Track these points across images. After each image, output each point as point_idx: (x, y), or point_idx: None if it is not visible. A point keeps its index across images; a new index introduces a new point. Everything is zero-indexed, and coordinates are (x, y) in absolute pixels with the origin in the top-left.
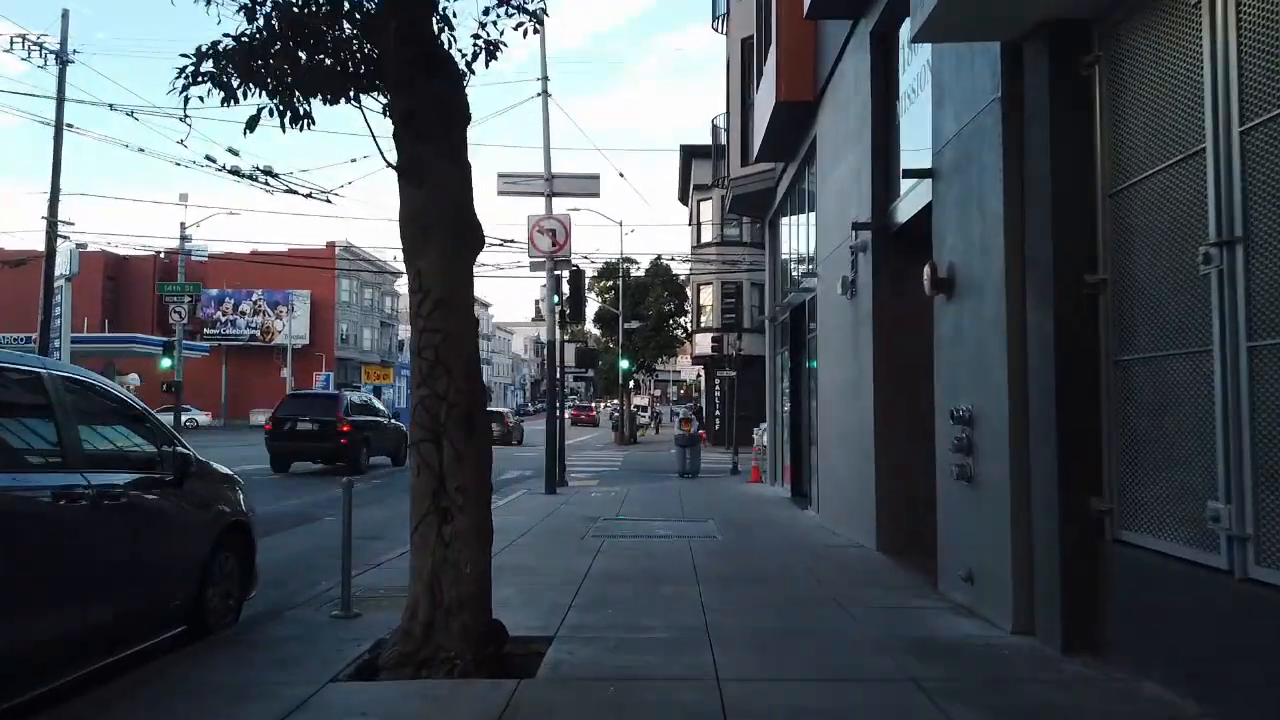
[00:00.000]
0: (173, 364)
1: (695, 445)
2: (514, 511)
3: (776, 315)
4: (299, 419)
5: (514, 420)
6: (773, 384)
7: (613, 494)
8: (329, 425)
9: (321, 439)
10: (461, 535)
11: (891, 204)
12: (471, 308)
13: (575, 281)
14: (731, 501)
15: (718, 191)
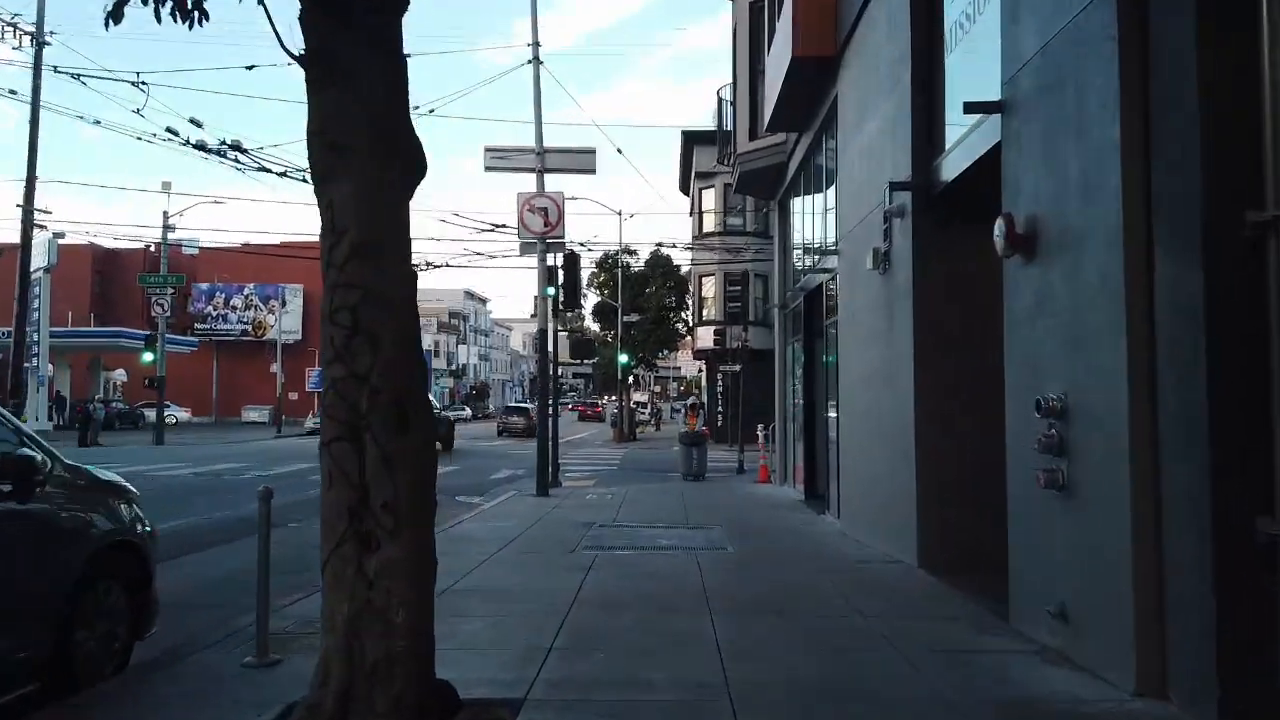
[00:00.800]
0: (155, 358)
1: (702, 445)
2: (498, 516)
3: (787, 302)
4: None
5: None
6: (783, 377)
7: (610, 496)
8: None
9: None
10: (390, 569)
11: (935, 160)
12: (407, 258)
13: (569, 266)
14: (740, 505)
15: (720, 179)
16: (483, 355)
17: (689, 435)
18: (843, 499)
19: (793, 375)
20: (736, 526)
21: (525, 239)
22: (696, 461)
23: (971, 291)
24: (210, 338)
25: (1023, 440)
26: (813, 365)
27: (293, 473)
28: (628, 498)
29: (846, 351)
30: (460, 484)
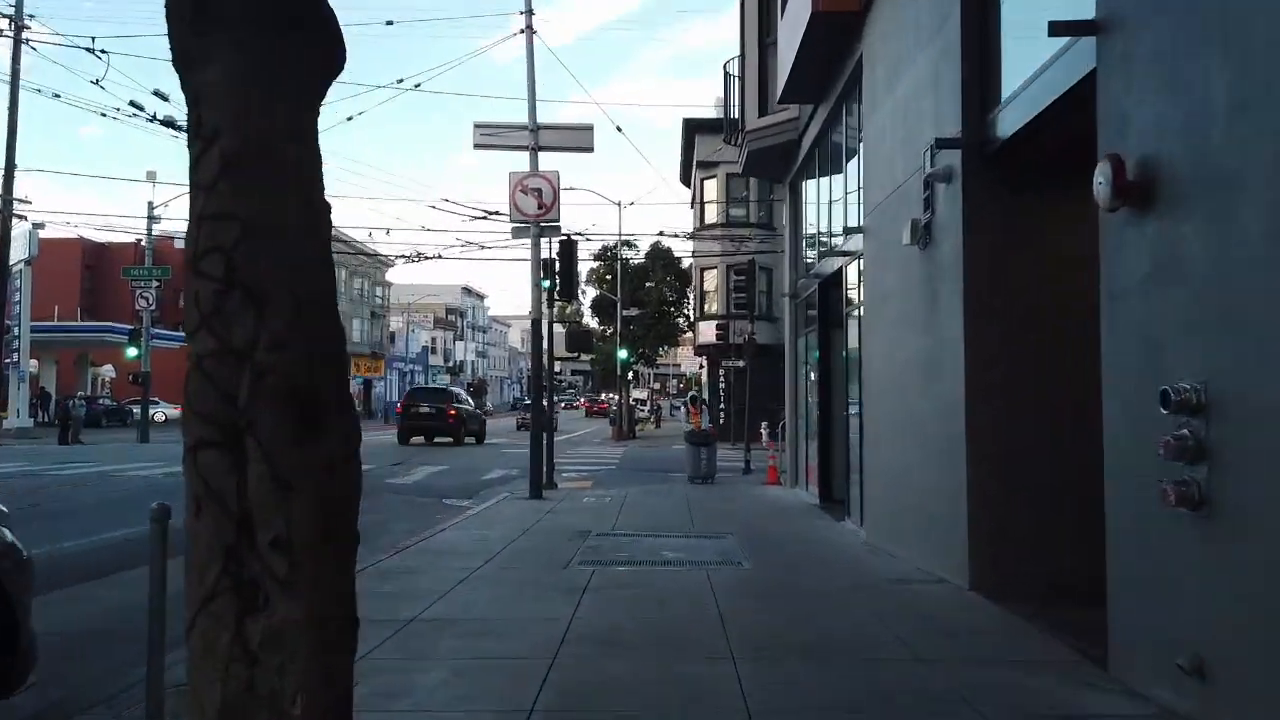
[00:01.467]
0: (139, 354)
1: (711, 445)
2: (485, 523)
3: (798, 291)
4: (421, 405)
5: None
6: (793, 372)
7: (609, 499)
8: (442, 410)
9: (437, 419)
10: (282, 636)
11: (990, 114)
12: (315, 181)
13: (565, 253)
14: (750, 509)
15: (723, 169)
16: (480, 352)
17: (697, 434)
18: (866, 505)
19: (805, 370)
20: (750, 535)
21: (517, 222)
22: (705, 463)
23: (1038, 264)
24: None
25: (1132, 442)
26: (828, 358)
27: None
28: (628, 501)
29: (873, 341)
30: (448, 484)
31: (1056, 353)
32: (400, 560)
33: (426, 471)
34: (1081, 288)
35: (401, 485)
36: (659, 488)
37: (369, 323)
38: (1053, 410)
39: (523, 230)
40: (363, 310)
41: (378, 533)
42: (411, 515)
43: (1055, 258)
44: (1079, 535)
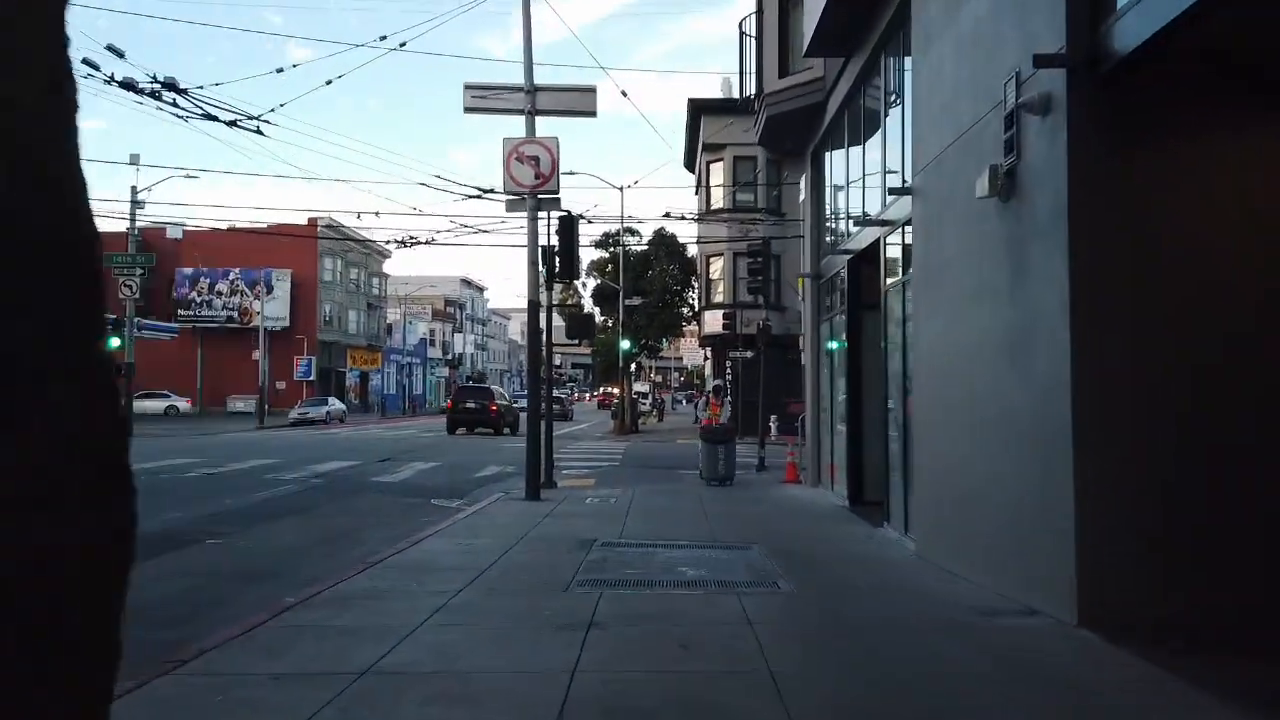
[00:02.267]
0: (122, 344)
1: (730, 443)
2: (473, 530)
3: (822, 272)
4: (467, 401)
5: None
6: (815, 361)
7: (613, 500)
8: (485, 405)
9: (480, 413)
10: None
11: (1105, 24)
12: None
13: (566, 229)
14: (774, 513)
15: (730, 151)
16: (480, 344)
17: (714, 430)
18: (915, 510)
19: (828, 358)
20: (780, 546)
21: (512, 193)
22: (724, 462)
23: (1179, 215)
24: (194, 325)
25: None
26: (859, 343)
27: (246, 471)
28: (635, 502)
29: (924, 319)
30: (438, 483)
31: (1209, 317)
32: (367, 580)
33: (416, 469)
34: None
35: (387, 484)
36: (668, 487)
37: (365, 314)
38: (1208, 385)
39: (518, 203)
40: (359, 301)
41: (349, 542)
42: (393, 519)
43: (1200, 200)
44: (1229, 550)
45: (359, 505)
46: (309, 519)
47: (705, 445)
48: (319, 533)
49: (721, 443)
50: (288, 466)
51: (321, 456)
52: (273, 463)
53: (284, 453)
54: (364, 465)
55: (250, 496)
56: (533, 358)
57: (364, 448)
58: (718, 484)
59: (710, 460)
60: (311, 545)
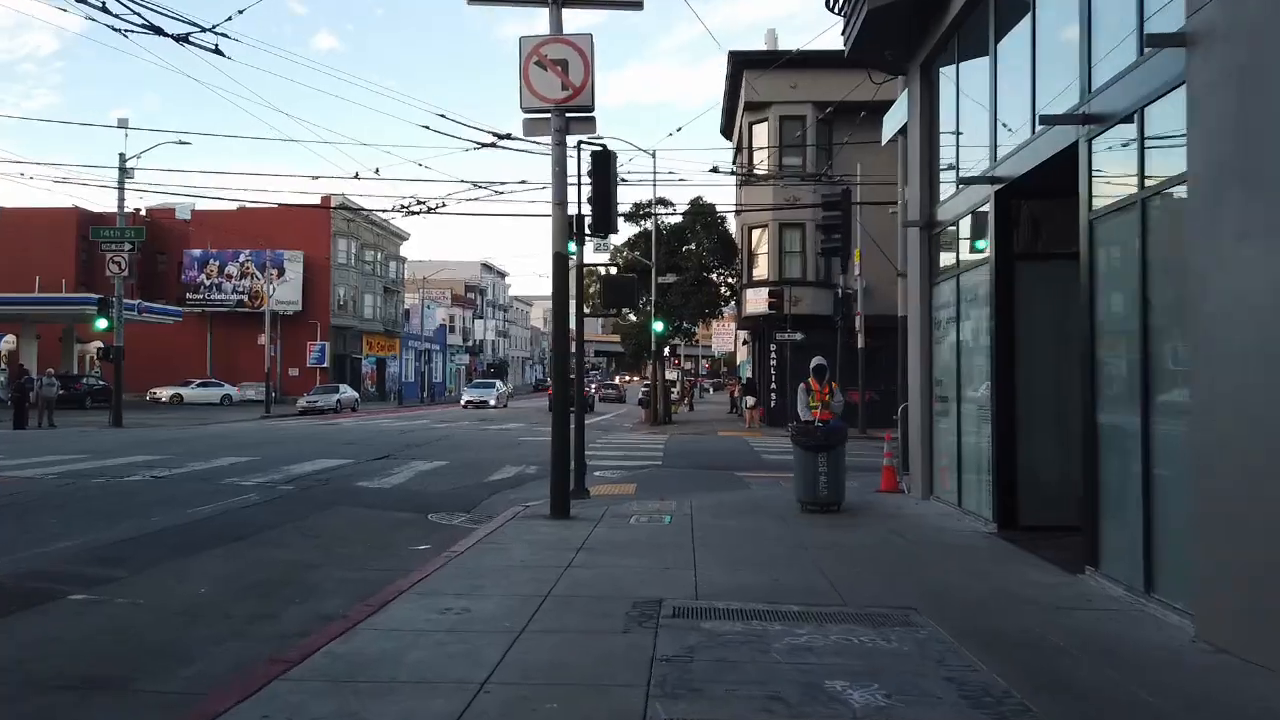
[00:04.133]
0: (110, 325)
1: (838, 450)
2: (475, 582)
3: (934, 219)
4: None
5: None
6: (922, 333)
7: (668, 519)
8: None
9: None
10: None
11: None
12: None
13: (600, 167)
14: (898, 546)
15: (775, 110)
16: (501, 331)
17: (814, 431)
18: (1202, 568)
19: (950, 330)
20: (958, 618)
21: (532, 110)
22: (826, 478)
23: None
24: (204, 309)
25: None
26: (1012, 309)
27: (204, 473)
28: (698, 523)
29: (1224, 261)
30: (441, 489)
31: None
32: (268, 704)
33: (417, 470)
34: None
35: (376, 490)
36: (731, 498)
37: (382, 298)
38: None
39: (540, 123)
40: (375, 285)
41: (284, 598)
42: (363, 553)
43: None
44: None
45: (328, 526)
46: (247, 551)
47: (800, 453)
48: (248, 579)
49: (823, 449)
50: (260, 467)
51: (310, 453)
52: (245, 462)
53: (267, 448)
54: (355, 465)
55: (187, 511)
56: (559, 329)
57: (365, 441)
58: (818, 509)
59: (808, 474)
60: (225, 605)
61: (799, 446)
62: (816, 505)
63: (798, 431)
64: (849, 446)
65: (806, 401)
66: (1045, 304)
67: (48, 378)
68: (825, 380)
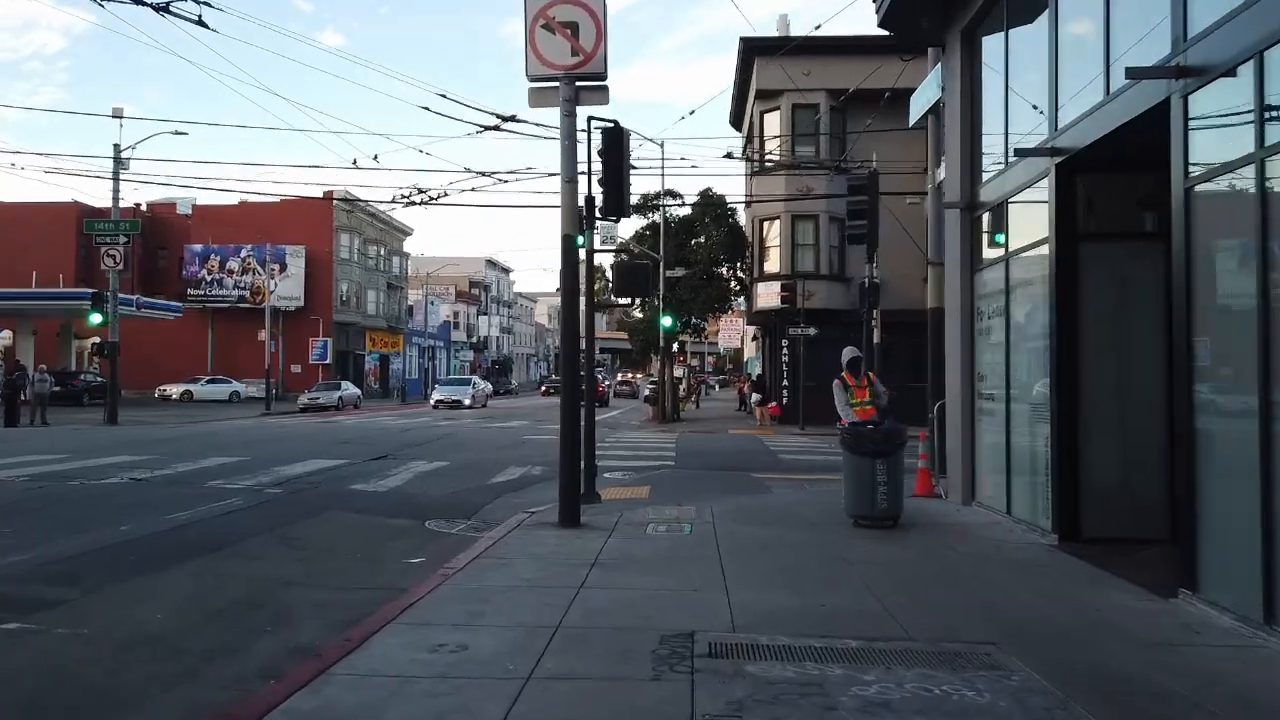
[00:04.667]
0: (105, 320)
1: (897, 456)
2: (474, 609)
3: (975, 201)
4: None
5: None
6: (963, 324)
7: (688, 528)
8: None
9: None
10: None
11: None
12: None
13: (612, 145)
14: (951, 562)
15: (788, 98)
16: (505, 328)
17: (870, 434)
18: None
19: (998, 325)
20: (1036, 650)
21: (539, 78)
22: (886, 490)
23: None
24: (205, 305)
25: None
26: (1074, 297)
27: (190, 475)
28: (723, 532)
29: None
30: (440, 494)
31: None
32: None
33: (416, 471)
34: None
35: (371, 495)
36: (753, 502)
37: (385, 294)
38: None
39: (547, 94)
40: (378, 281)
41: (253, 626)
42: (350, 567)
43: None
44: None
45: (314, 535)
46: (220, 565)
47: (853, 460)
48: (215, 601)
49: (881, 454)
50: (250, 468)
51: (305, 453)
52: (234, 462)
53: (260, 447)
54: (351, 465)
55: (162, 519)
56: (568, 319)
57: (364, 440)
58: (870, 524)
59: (863, 483)
60: (183, 635)
61: (851, 453)
62: (873, 520)
63: (849, 436)
64: None
65: (845, 399)
66: (1111, 290)
67: (40, 374)
68: (861, 372)
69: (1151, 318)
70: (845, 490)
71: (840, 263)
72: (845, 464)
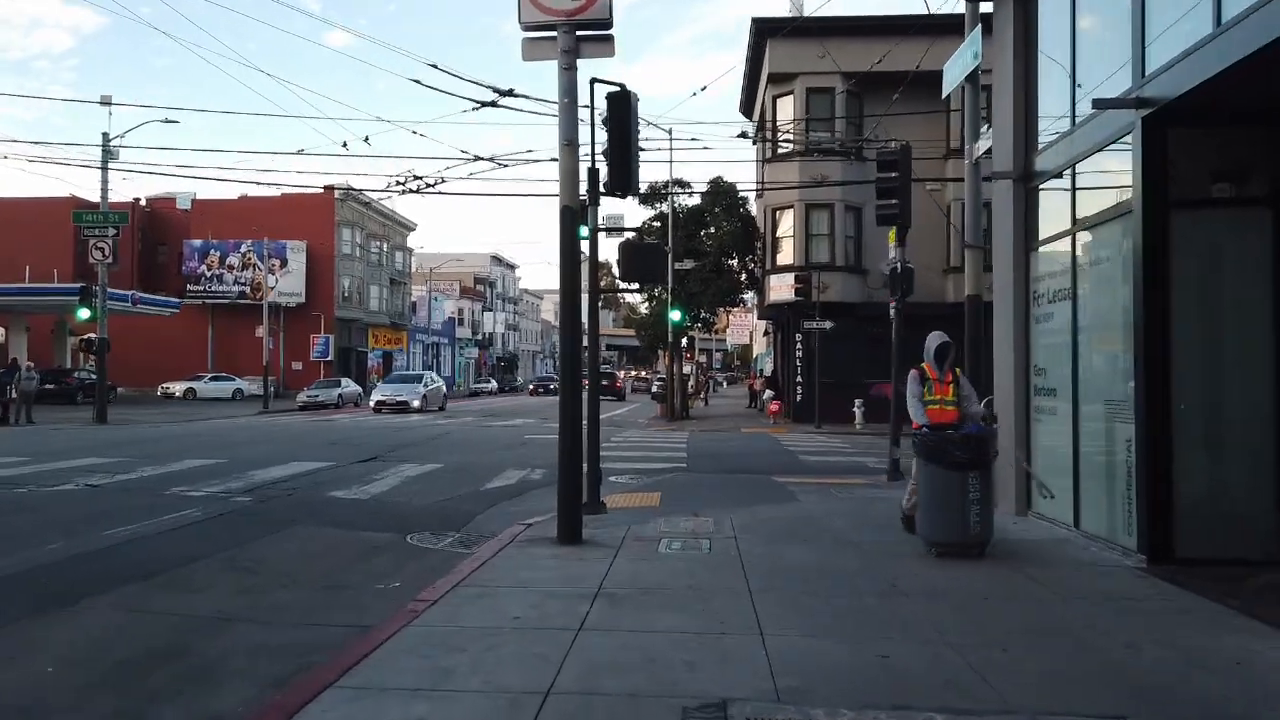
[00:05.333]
0: (94, 315)
1: (986, 467)
2: (446, 661)
3: (1033, 169)
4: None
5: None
6: (1016, 309)
7: (708, 546)
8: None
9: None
10: None
11: None
12: None
13: (619, 110)
14: (1033, 594)
15: (802, 81)
16: (511, 324)
17: (958, 442)
18: None
19: (1062, 311)
20: None
21: (533, 25)
22: (979, 510)
23: None
24: (205, 301)
25: None
26: (1166, 277)
27: (153, 480)
28: (746, 553)
29: None
30: (428, 502)
31: None
32: None
33: (405, 474)
34: None
35: (350, 502)
36: (779, 513)
37: (388, 290)
38: None
39: (543, 44)
40: (381, 276)
41: (154, 690)
42: (306, 599)
43: None
44: None
45: (273, 555)
46: (147, 597)
47: (936, 474)
48: (125, 647)
49: (973, 466)
50: (223, 472)
51: (289, 454)
52: (209, 465)
53: (243, 448)
54: (336, 468)
55: (101, 534)
56: (568, 303)
57: (355, 440)
58: (954, 553)
59: (950, 504)
60: (67, 698)
61: (933, 464)
62: (964, 547)
63: (930, 443)
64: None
65: (920, 395)
66: (1209, 267)
67: (27, 371)
68: (947, 365)
69: (1259, 300)
70: (921, 510)
71: (856, 253)
72: (922, 478)
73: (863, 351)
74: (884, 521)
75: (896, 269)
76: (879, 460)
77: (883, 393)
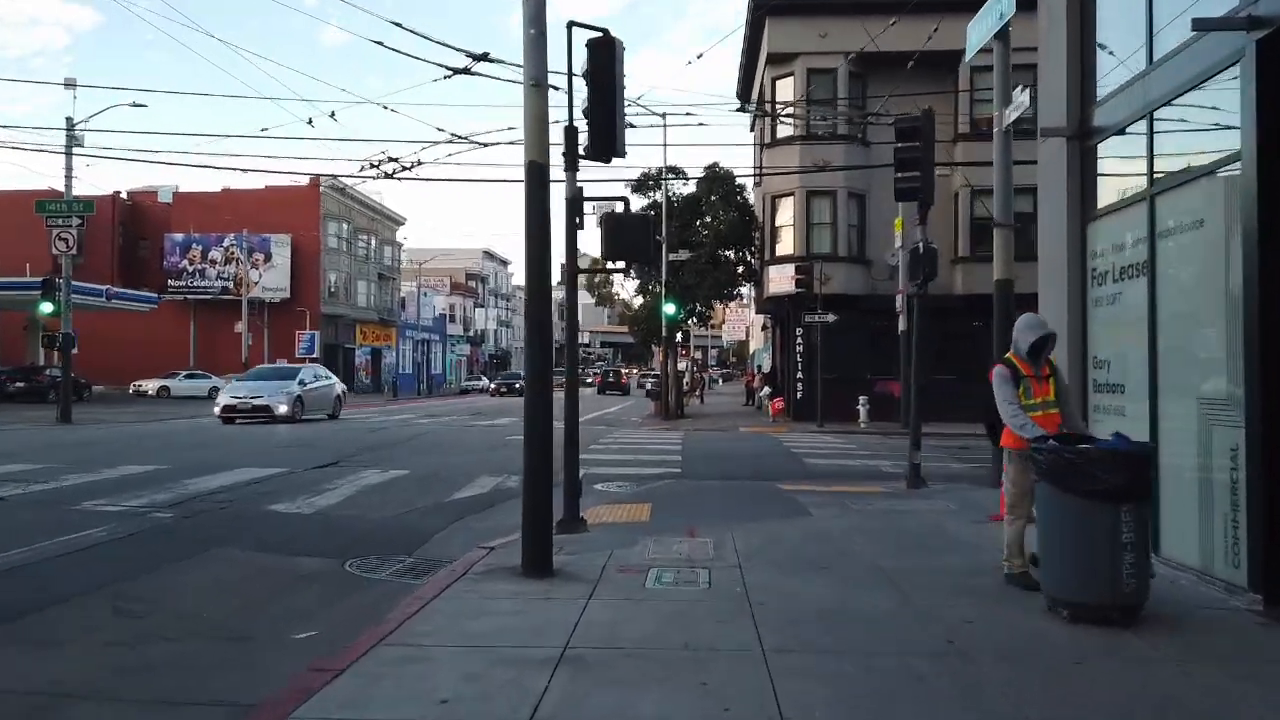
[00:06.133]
0: (56, 309)
1: (1145, 499)
2: None
3: (1086, 123)
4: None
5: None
6: (1069, 296)
7: (705, 583)
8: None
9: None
10: None
11: None
12: None
13: (600, 60)
14: (1156, 663)
15: (803, 61)
16: (503, 321)
17: (1095, 460)
18: None
19: (1134, 291)
20: None
21: None
22: (1134, 558)
23: None
24: (187, 296)
25: None
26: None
27: (68, 491)
28: (754, 588)
29: None
30: (387, 516)
31: None
32: None
33: (365, 482)
34: None
35: (290, 517)
36: (789, 531)
37: (377, 285)
38: None
39: None
40: (369, 271)
41: None
42: (197, 650)
43: None
44: None
45: (172, 591)
46: None
47: (1069, 504)
48: None
49: (1124, 498)
50: (156, 480)
51: (237, 459)
52: (144, 472)
53: (189, 452)
54: (286, 476)
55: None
56: (535, 278)
57: (318, 442)
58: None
59: (1093, 549)
60: None
61: (1062, 489)
62: (1107, 610)
63: (1057, 463)
64: (865, 437)
65: (1013, 398)
66: None
67: None
68: (1042, 359)
69: None
70: (1046, 555)
71: (859, 243)
72: (1047, 509)
73: (866, 346)
74: (913, 542)
75: (918, 249)
76: (893, 464)
77: (888, 390)
